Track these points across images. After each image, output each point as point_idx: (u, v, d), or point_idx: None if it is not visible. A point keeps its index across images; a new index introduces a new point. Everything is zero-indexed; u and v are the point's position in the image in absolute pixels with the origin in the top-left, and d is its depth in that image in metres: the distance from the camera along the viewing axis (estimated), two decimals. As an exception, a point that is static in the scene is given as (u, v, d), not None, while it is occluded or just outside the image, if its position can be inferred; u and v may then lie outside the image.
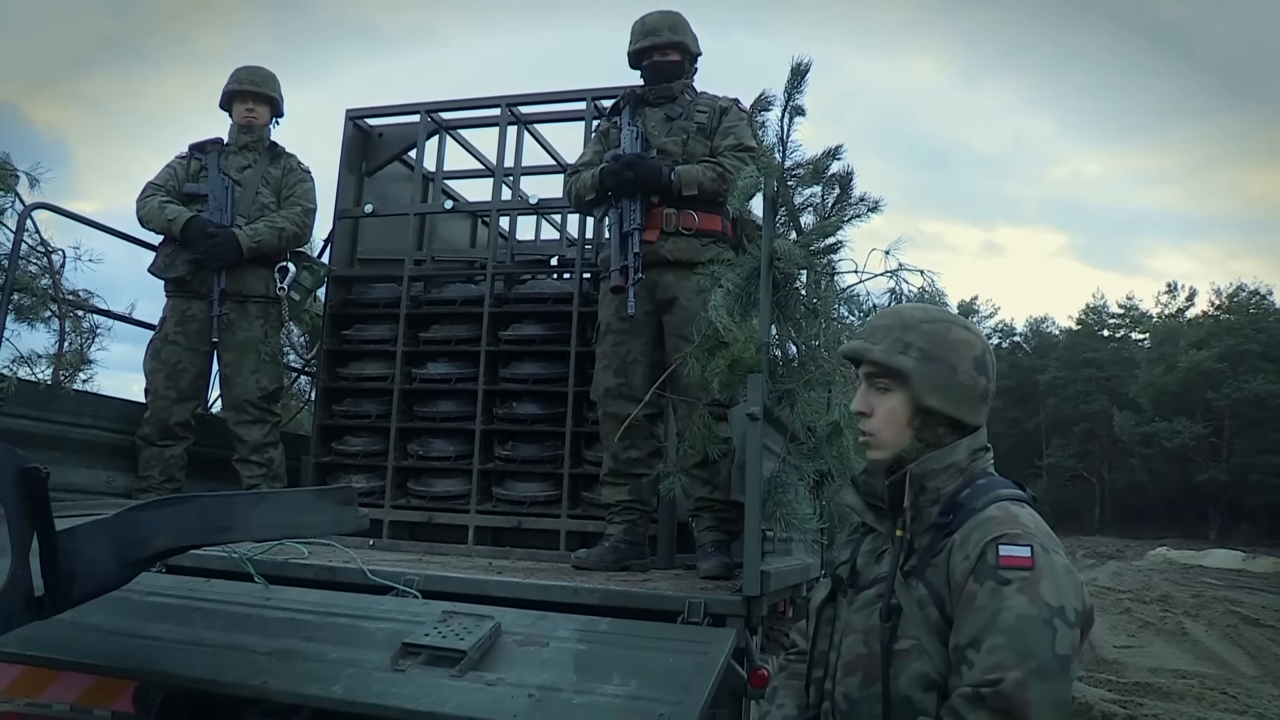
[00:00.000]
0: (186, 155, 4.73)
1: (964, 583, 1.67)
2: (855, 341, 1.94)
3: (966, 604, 1.66)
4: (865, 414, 1.90)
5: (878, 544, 1.93)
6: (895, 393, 1.87)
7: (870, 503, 1.96)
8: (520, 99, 5.12)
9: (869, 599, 1.83)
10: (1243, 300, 53.88)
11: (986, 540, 1.68)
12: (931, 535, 1.79)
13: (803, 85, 2.83)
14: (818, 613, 1.96)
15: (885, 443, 1.89)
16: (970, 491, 1.80)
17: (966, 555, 1.69)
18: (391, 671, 2.48)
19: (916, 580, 1.75)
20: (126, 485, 4.35)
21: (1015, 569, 1.64)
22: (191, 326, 4.50)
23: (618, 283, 3.77)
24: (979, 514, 1.74)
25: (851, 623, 1.85)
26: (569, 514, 4.39)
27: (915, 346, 1.87)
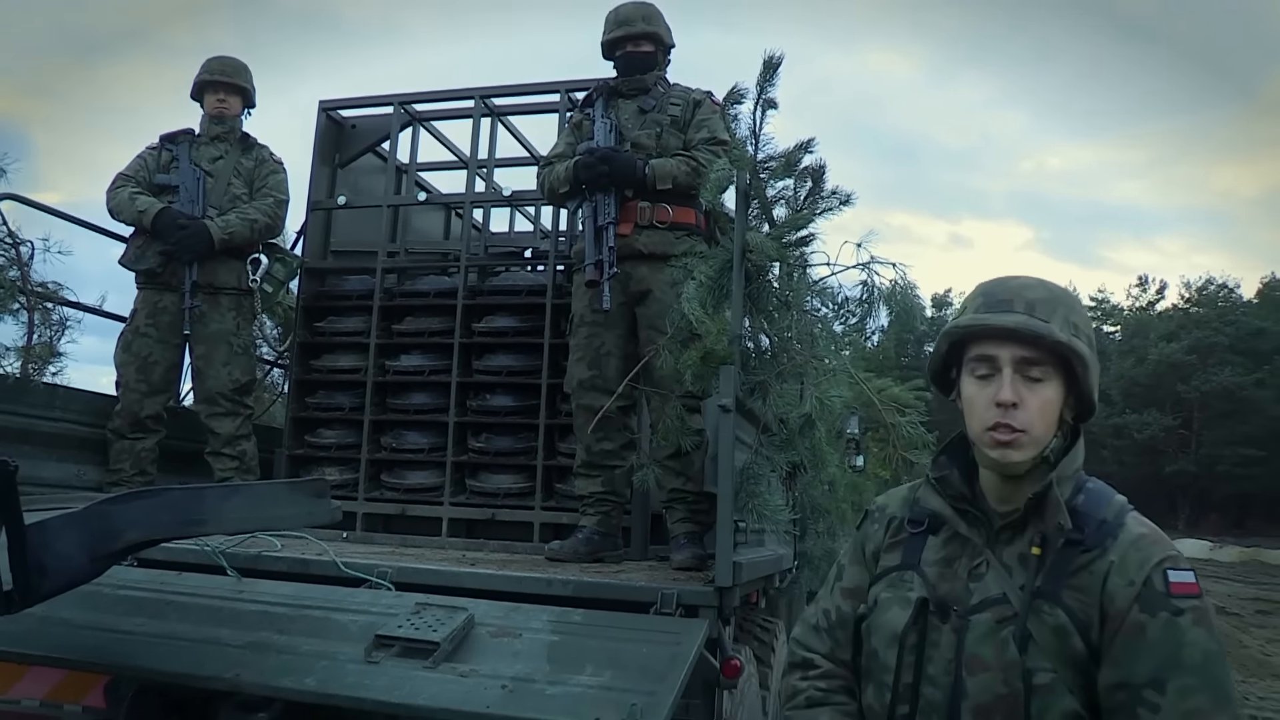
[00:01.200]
0: (157, 146, 4.69)
1: (1126, 610, 1.48)
2: (1019, 317, 1.58)
3: (1132, 636, 1.47)
4: (1013, 405, 1.57)
5: (952, 552, 1.69)
6: (1052, 382, 1.60)
7: (958, 507, 1.70)
8: (494, 91, 5.12)
9: (989, 625, 1.56)
10: (1211, 294, 54.44)
11: (1153, 564, 1.50)
12: (1062, 552, 1.56)
13: (774, 79, 2.85)
14: (901, 641, 1.64)
15: (1037, 440, 1.59)
16: (1086, 498, 1.61)
17: (1130, 580, 1.50)
18: (365, 664, 2.48)
19: (1051, 604, 1.52)
20: (97, 478, 4.31)
21: (1187, 597, 1.49)
22: (163, 319, 4.46)
23: (593, 276, 3.77)
24: (1125, 529, 1.56)
25: (980, 656, 1.55)
26: (543, 506, 4.40)
27: (1083, 331, 1.63)
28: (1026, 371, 1.58)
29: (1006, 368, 1.58)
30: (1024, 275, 1.68)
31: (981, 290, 1.69)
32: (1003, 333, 1.58)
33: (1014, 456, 1.58)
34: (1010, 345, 1.58)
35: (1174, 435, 49.76)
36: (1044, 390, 1.59)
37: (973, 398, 1.63)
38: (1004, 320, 1.58)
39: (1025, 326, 1.57)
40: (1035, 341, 1.56)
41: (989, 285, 1.69)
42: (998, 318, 1.59)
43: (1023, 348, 1.57)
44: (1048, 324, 1.57)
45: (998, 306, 1.61)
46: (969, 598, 1.61)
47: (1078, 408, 1.65)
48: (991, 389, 1.59)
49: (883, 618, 1.70)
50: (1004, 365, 1.58)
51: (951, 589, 1.64)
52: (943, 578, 1.66)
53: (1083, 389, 1.62)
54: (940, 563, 1.69)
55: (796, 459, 3.41)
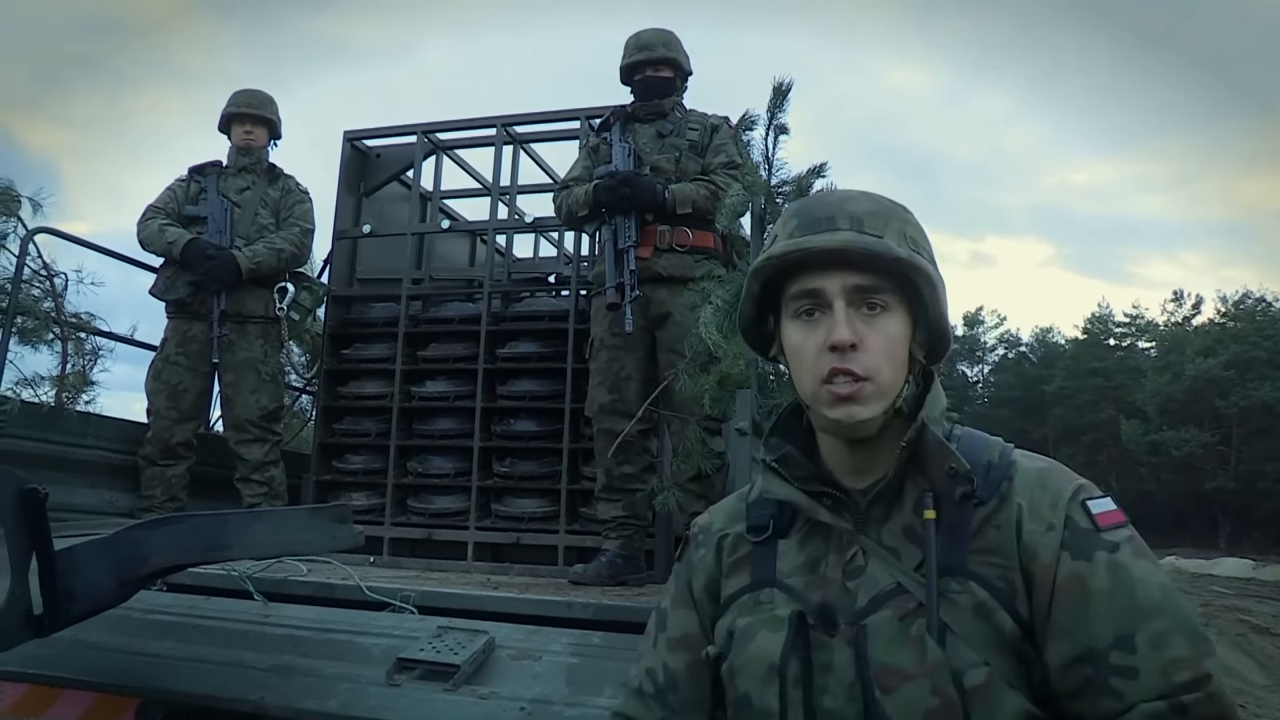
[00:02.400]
0: (186, 178, 4.79)
1: (1054, 563, 1.19)
2: (846, 234, 1.28)
3: (1074, 593, 1.18)
4: (851, 347, 1.26)
5: (814, 551, 1.35)
6: (895, 314, 1.30)
7: (814, 490, 1.35)
8: (515, 119, 5.19)
9: (894, 626, 1.22)
10: (1249, 308, 53.83)
11: (1067, 498, 1.24)
12: (954, 512, 1.26)
13: (785, 104, 2.88)
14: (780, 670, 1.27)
15: (884, 388, 1.28)
16: (961, 446, 1.31)
17: (1048, 524, 1.21)
18: (386, 686, 2.51)
19: (960, 579, 1.21)
20: (129, 505, 4.39)
21: (1117, 528, 1.22)
22: (192, 347, 4.55)
23: (614, 299, 3.81)
24: (1018, 467, 1.29)
25: (894, 666, 1.19)
26: (567, 529, 4.42)
27: (923, 246, 1.33)
28: (863, 303, 1.28)
29: (838, 300, 1.27)
30: (858, 191, 1.36)
31: (794, 211, 1.37)
32: (827, 256, 1.27)
33: (860, 413, 1.27)
34: (838, 272, 1.27)
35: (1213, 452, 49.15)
36: (887, 324, 1.29)
37: (799, 345, 1.31)
38: (828, 240, 1.27)
39: (856, 244, 1.26)
40: (870, 263, 1.26)
41: (801, 204, 1.40)
42: (819, 239, 1.27)
43: (855, 273, 1.27)
44: (881, 239, 1.27)
45: (817, 226, 1.29)
46: (854, 600, 1.26)
47: (928, 343, 1.36)
48: (821, 331, 1.28)
49: (747, 651, 1.32)
50: (834, 298, 1.27)
51: (827, 595, 1.28)
52: (811, 585, 1.31)
53: (931, 317, 1.33)
54: (803, 568, 1.34)
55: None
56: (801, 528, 1.38)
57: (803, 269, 1.30)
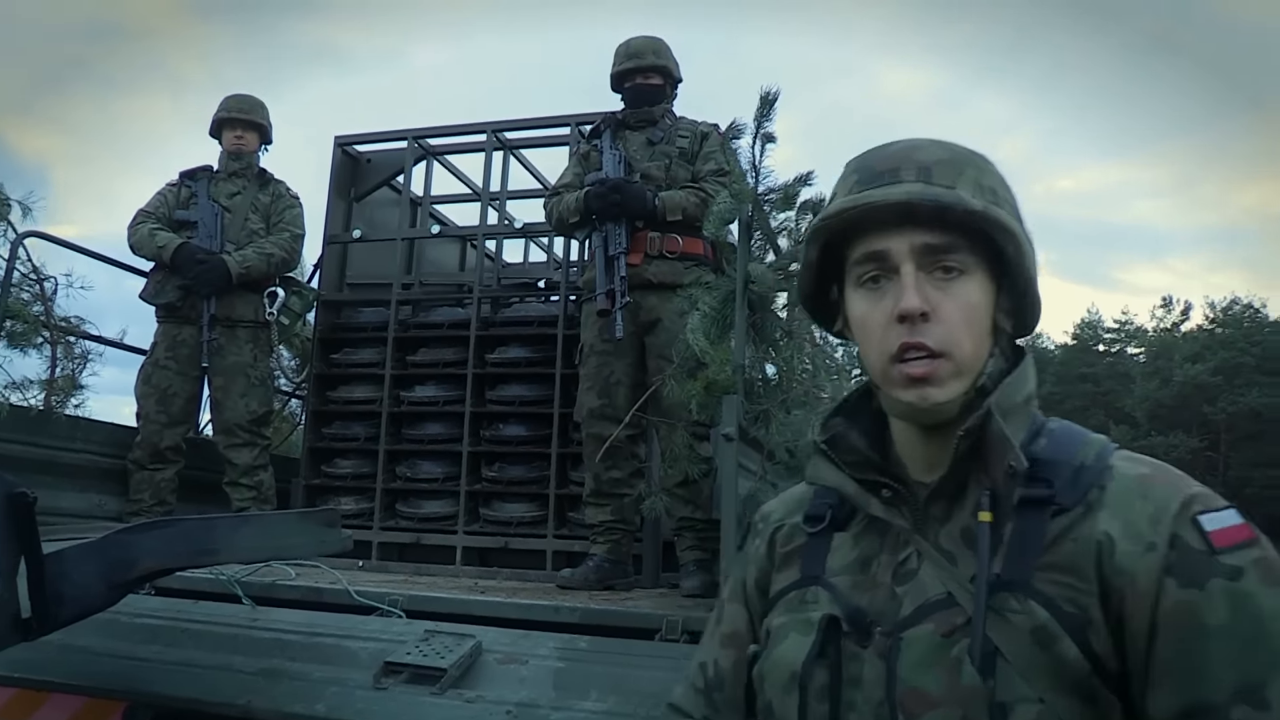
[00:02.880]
0: (176, 182, 4.80)
1: (1154, 590, 0.96)
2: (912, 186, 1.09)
3: (1179, 628, 0.95)
4: (922, 316, 1.07)
5: (868, 549, 1.17)
6: (974, 277, 1.10)
7: (866, 479, 1.17)
8: (505, 125, 5.22)
9: (931, 643, 1.04)
10: (1237, 314, 54.04)
11: (1174, 512, 0.99)
12: (1023, 519, 1.05)
13: (771, 113, 2.91)
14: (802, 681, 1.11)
15: (964, 364, 1.09)
16: (1049, 441, 1.11)
17: (1147, 543, 0.98)
18: (373, 690, 2.52)
19: (1020, 597, 1.00)
20: (117, 509, 4.39)
21: (1241, 547, 0.97)
22: (182, 351, 4.55)
23: (604, 306, 3.84)
24: (1115, 472, 1.06)
25: (920, 690, 1.02)
26: (555, 534, 4.44)
27: (1004, 198, 1.13)
28: (935, 265, 1.09)
29: (905, 263, 1.09)
30: (931, 139, 1.17)
31: (854, 164, 1.18)
32: (891, 212, 1.09)
33: (936, 395, 1.08)
34: (906, 231, 1.09)
35: (1201, 457, 49.30)
36: (964, 289, 1.09)
37: (863, 317, 1.13)
38: (890, 194, 1.09)
39: (923, 196, 1.07)
40: (940, 217, 1.08)
41: (862, 156, 1.18)
42: (880, 192, 1.09)
43: (924, 231, 1.09)
44: (953, 189, 1.09)
45: (878, 179, 1.12)
46: (898, 608, 1.09)
47: (1016, 313, 1.16)
48: (888, 299, 1.09)
49: (774, 654, 1.17)
50: (901, 260, 1.09)
51: (873, 600, 1.12)
52: (859, 587, 1.15)
53: (1017, 280, 1.13)
54: (853, 567, 1.17)
55: (805, 485, 3.43)
56: (861, 521, 1.20)
57: (866, 230, 1.11)
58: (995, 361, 1.13)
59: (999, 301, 1.13)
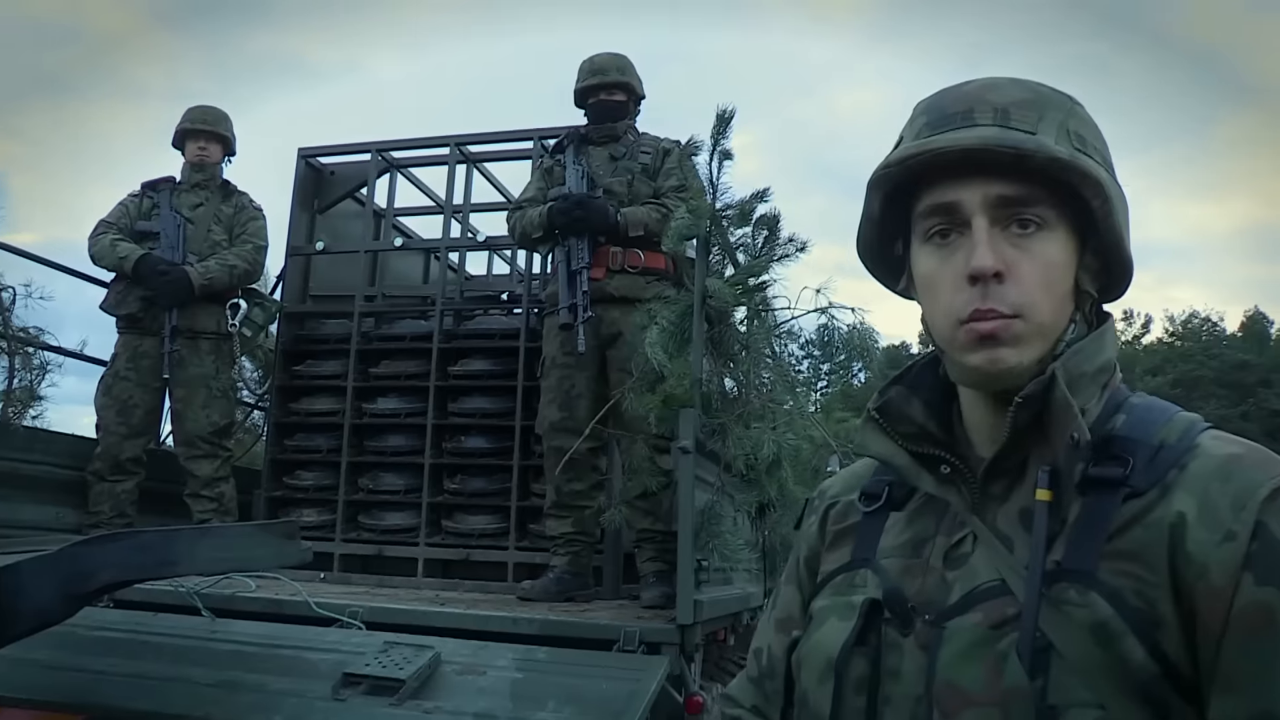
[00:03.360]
0: (139, 193, 4.78)
1: (1231, 586, 0.84)
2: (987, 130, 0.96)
3: (1253, 628, 0.83)
4: (995, 276, 0.94)
5: (922, 530, 1.06)
6: (1056, 233, 0.97)
7: (920, 452, 1.06)
8: (469, 138, 5.24)
9: (976, 633, 0.93)
10: (1195, 327, 54.83)
11: (1261, 497, 0.86)
12: (1092, 501, 0.93)
13: (728, 131, 2.96)
14: (838, 668, 1.01)
15: (1042, 328, 0.96)
16: (1130, 418, 0.98)
17: (1226, 532, 0.85)
18: (332, 701, 2.54)
19: (1080, 588, 0.89)
20: (76, 521, 4.36)
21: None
22: (143, 363, 4.54)
23: (567, 320, 3.87)
24: (1199, 451, 0.93)
25: (958, 686, 0.92)
26: (516, 546, 4.46)
27: (1092, 145, 0.99)
28: (1012, 219, 0.96)
29: (978, 216, 0.96)
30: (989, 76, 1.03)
31: (924, 105, 1.05)
32: (962, 158, 0.96)
33: (1008, 357, 0.95)
34: (979, 181, 0.96)
35: (1160, 470, 49.87)
36: (1044, 245, 0.97)
37: (930, 276, 1.01)
38: (960, 139, 0.96)
39: (999, 141, 0.94)
40: (1018, 165, 0.94)
41: (933, 96, 1.05)
42: (950, 136, 0.97)
43: (1000, 181, 0.95)
44: (1034, 135, 0.95)
45: (949, 122, 0.99)
46: (947, 595, 0.98)
47: (1102, 273, 1.02)
48: (959, 256, 0.97)
49: (813, 639, 1.08)
50: (973, 213, 0.96)
51: (923, 586, 1.01)
52: (909, 571, 1.03)
53: (1105, 237, 0.99)
54: (905, 549, 1.07)
55: (764, 499, 3.48)
56: (919, 499, 1.09)
57: (934, 178, 0.99)
58: (1077, 328, 1.00)
59: (1084, 261, 1.00)
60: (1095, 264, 1.01)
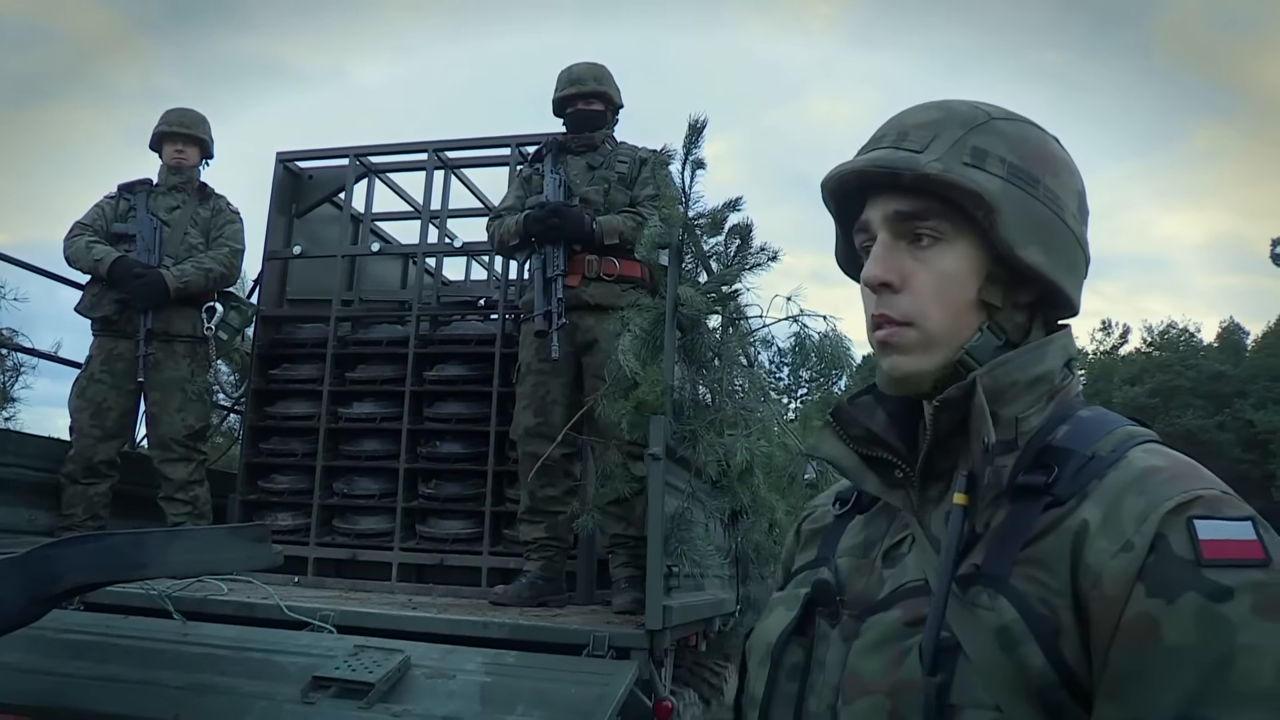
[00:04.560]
0: (115, 195, 4.77)
1: (1122, 597, 0.85)
2: (879, 152, 1.04)
3: (1136, 639, 0.83)
4: (890, 287, 1.02)
5: (876, 532, 1.11)
6: (951, 246, 1.02)
7: (870, 455, 1.10)
8: (447, 144, 5.26)
9: (891, 628, 0.97)
10: (1173, 338, 55.21)
11: (1164, 510, 0.87)
12: (1015, 508, 0.95)
13: (700, 140, 2.99)
14: (774, 654, 1.07)
15: (932, 337, 1.02)
16: (1072, 429, 1.00)
17: (1125, 542, 0.86)
18: (301, 704, 2.55)
19: (991, 592, 0.91)
20: (48, 523, 4.35)
21: (1237, 564, 0.83)
22: (118, 365, 4.53)
23: (542, 327, 3.89)
24: (1123, 464, 0.94)
25: (858, 674, 0.96)
26: (490, 551, 4.47)
27: (994, 156, 1.02)
28: (909, 232, 1.03)
29: (880, 231, 1.04)
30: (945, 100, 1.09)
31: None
32: (861, 180, 1.05)
33: (903, 365, 1.02)
34: (882, 198, 1.04)
35: (1137, 479, 50.12)
36: (939, 257, 1.02)
37: (861, 287, 1.08)
38: (857, 162, 1.04)
39: (878, 161, 1.02)
40: (913, 183, 1.00)
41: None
42: (856, 160, 1.05)
43: (897, 198, 1.02)
44: (916, 154, 1.01)
45: (870, 145, 1.08)
46: (879, 592, 1.03)
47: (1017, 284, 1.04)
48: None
49: (760, 627, 1.14)
50: (877, 229, 1.05)
51: (866, 584, 1.05)
52: (859, 570, 1.08)
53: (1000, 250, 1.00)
54: (858, 549, 1.11)
55: (736, 505, 3.51)
56: (880, 502, 1.13)
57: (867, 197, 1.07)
58: (983, 336, 1.03)
59: (991, 272, 1.02)
60: (1003, 275, 1.03)
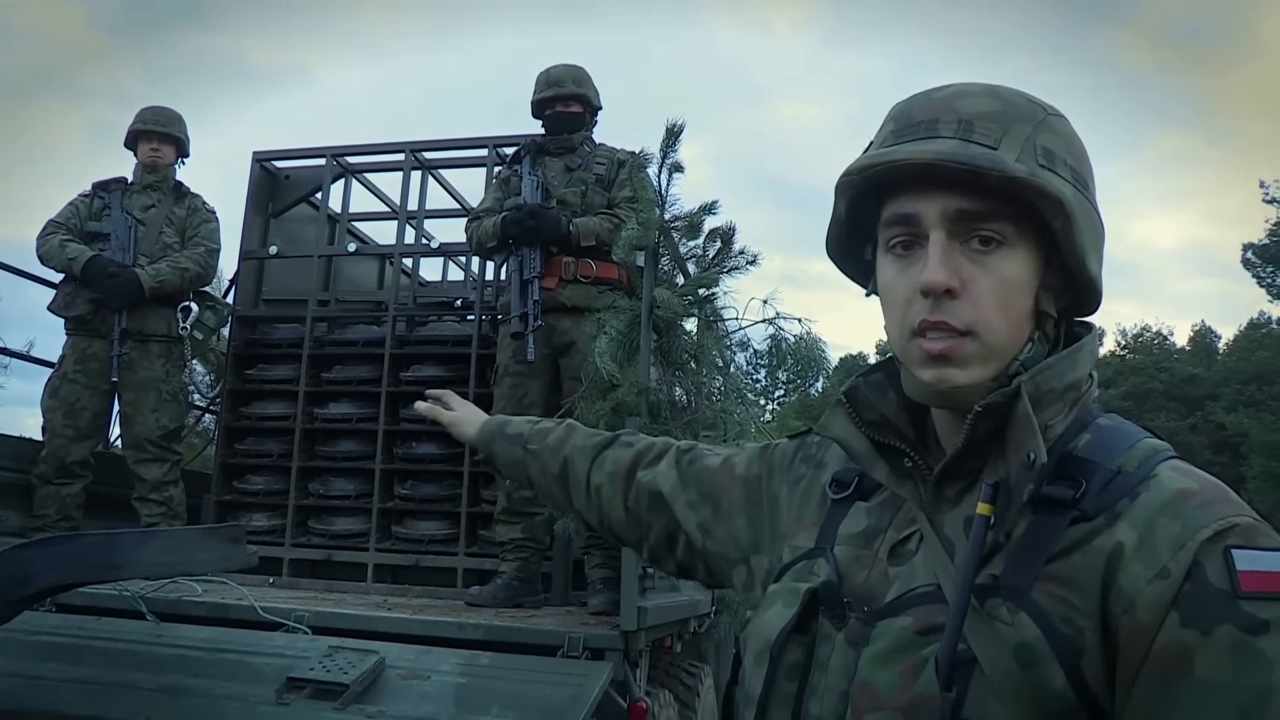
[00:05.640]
0: (89, 193, 4.74)
1: (1155, 625, 0.83)
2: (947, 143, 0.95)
3: (1167, 669, 0.82)
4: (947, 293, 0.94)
5: (877, 522, 1.07)
6: (1016, 250, 0.96)
7: (881, 441, 1.06)
8: (423, 145, 5.26)
9: (902, 637, 0.93)
10: (1147, 341, 55.66)
11: (1202, 540, 0.84)
12: (1039, 520, 0.92)
13: (677, 145, 3.01)
14: (773, 652, 1.03)
15: (993, 347, 0.96)
16: (1094, 439, 0.97)
17: (1160, 569, 0.84)
18: (275, 705, 2.55)
19: (1011, 606, 0.88)
20: (20, 524, 4.31)
21: (1274, 597, 0.81)
22: (91, 365, 4.50)
23: (518, 329, 3.90)
24: (1153, 483, 0.91)
25: (871, 686, 0.93)
26: (466, 552, 4.47)
27: (1060, 158, 0.98)
28: (970, 234, 0.96)
29: (935, 229, 0.96)
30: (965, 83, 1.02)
31: (894, 111, 1.04)
32: (920, 171, 0.95)
33: (957, 377, 0.96)
34: (938, 193, 0.95)
35: (1111, 481, 50.48)
36: (1002, 263, 0.96)
37: (889, 286, 1.01)
38: (918, 151, 0.95)
39: (955, 156, 0.93)
40: (975, 180, 0.93)
41: (906, 101, 1.04)
42: (910, 148, 0.96)
43: (959, 195, 0.94)
44: (994, 151, 0.94)
45: (914, 131, 0.98)
46: (886, 590, 0.98)
47: (1067, 292, 1.01)
48: (915, 269, 0.97)
49: (758, 621, 1.08)
50: (931, 226, 0.96)
51: (867, 578, 1.01)
52: (859, 561, 1.04)
53: (1068, 259, 0.97)
54: (859, 538, 1.07)
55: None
56: (884, 491, 1.09)
57: (898, 187, 0.98)
58: (1035, 347, 0.99)
59: (1046, 279, 0.99)
60: (1058, 283, 1.00)
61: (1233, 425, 33.22)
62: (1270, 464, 28.10)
